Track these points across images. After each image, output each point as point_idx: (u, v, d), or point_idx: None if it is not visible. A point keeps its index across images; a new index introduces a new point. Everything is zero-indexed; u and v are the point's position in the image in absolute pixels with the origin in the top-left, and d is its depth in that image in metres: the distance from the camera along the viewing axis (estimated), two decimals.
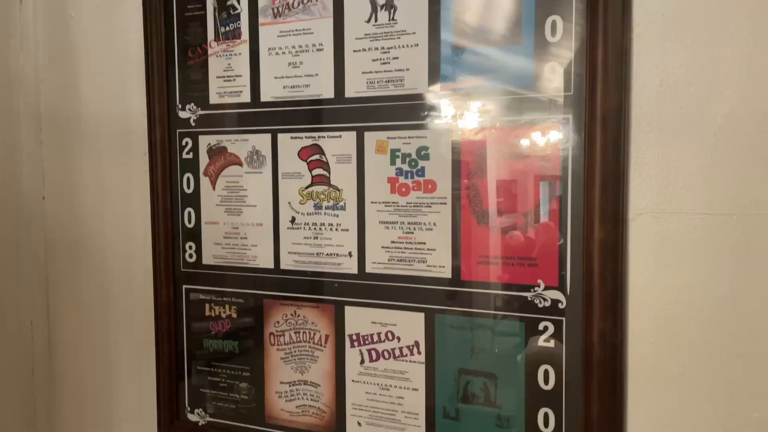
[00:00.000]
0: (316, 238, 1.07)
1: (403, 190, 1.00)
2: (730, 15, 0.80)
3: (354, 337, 1.06)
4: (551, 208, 0.91)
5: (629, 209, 0.86)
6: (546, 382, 0.93)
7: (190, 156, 1.16)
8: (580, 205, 0.88)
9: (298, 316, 1.10)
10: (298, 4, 1.05)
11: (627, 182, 0.86)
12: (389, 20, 0.99)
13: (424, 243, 0.99)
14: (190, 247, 1.17)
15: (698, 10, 0.82)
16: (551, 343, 0.92)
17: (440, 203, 0.98)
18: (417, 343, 1.01)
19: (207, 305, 1.17)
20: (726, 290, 0.82)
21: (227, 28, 1.11)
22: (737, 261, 0.81)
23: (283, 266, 1.10)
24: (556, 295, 0.91)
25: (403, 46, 0.99)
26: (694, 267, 0.84)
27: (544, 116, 0.90)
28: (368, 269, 1.03)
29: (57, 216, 1.31)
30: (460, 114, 0.96)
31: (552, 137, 0.90)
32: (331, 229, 1.06)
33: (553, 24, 0.89)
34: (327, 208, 1.06)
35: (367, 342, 1.05)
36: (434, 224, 0.98)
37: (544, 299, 0.92)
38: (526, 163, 0.92)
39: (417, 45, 0.98)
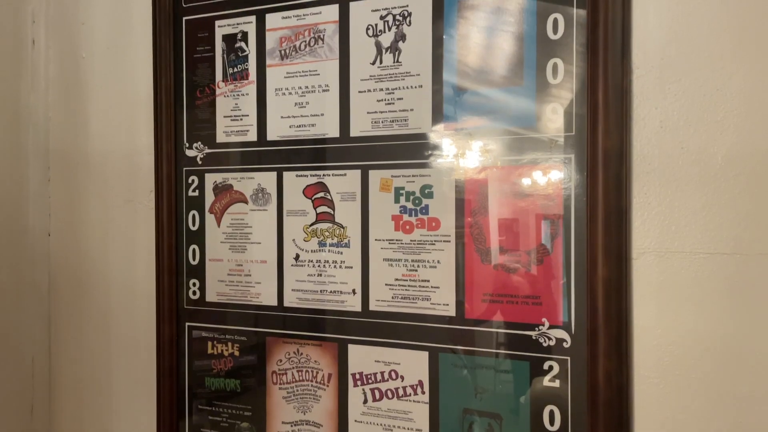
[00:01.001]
0: (320, 275, 1.07)
1: (407, 227, 1.01)
2: (727, 58, 0.82)
3: (357, 376, 1.05)
4: (554, 247, 0.91)
5: (632, 248, 0.87)
6: (551, 422, 0.92)
7: (196, 193, 1.17)
8: (583, 243, 0.88)
9: (301, 354, 1.09)
10: (305, 47, 1.08)
11: (629, 221, 0.86)
12: (394, 62, 1.01)
13: (428, 281, 0.99)
14: (194, 284, 1.18)
15: (696, 54, 0.84)
16: (556, 383, 0.91)
17: (444, 241, 0.98)
18: (421, 383, 1.00)
19: (209, 343, 1.17)
20: (730, 330, 0.82)
21: (235, 69, 1.13)
22: (740, 301, 0.82)
23: (286, 303, 1.10)
24: (561, 334, 0.91)
25: (407, 87, 1.01)
26: (698, 306, 0.84)
27: (546, 156, 0.91)
28: (372, 307, 1.03)
29: (61, 252, 1.31)
30: (463, 153, 0.97)
31: (554, 176, 0.91)
32: (335, 267, 1.06)
33: (554, 66, 0.91)
34: (331, 245, 1.06)
35: (370, 381, 1.04)
36: (438, 262, 0.99)
37: (549, 338, 0.91)
38: (529, 201, 0.93)
39: (421, 86, 1.00)
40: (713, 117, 0.82)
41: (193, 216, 1.17)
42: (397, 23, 1.01)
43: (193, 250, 1.17)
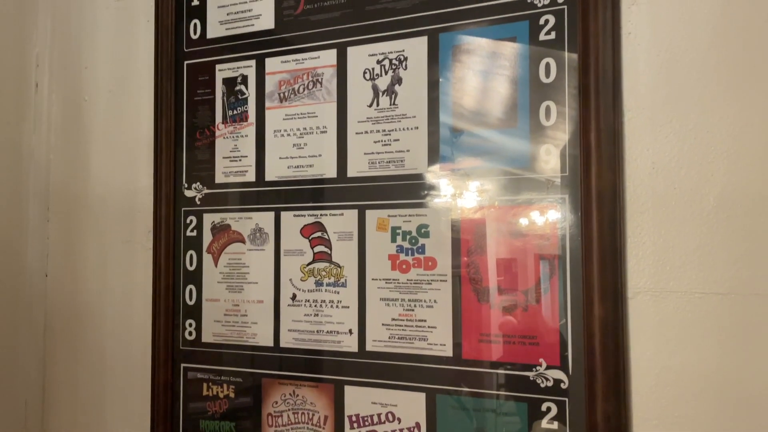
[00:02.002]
0: (317, 315, 1.07)
1: (404, 267, 1.01)
2: (716, 101, 0.84)
3: (354, 419, 1.04)
4: (551, 287, 0.91)
5: (628, 288, 0.87)
6: None
7: (194, 233, 1.18)
8: (579, 283, 0.89)
9: (297, 395, 1.08)
10: (304, 90, 1.10)
11: (624, 261, 0.87)
12: (390, 105, 1.03)
13: (425, 320, 0.99)
14: (190, 325, 1.17)
15: (685, 97, 0.85)
16: (555, 425, 0.90)
17: (440, 280, 0.99)
18: (418, 425, 0.99)
19: (205, 384, 1.16)
20: (727, 370, 0.82)
21: (235, 111, 1.15)
22: (737, 340, 0.81)
23: (282, 344, 1.10)
24: (558, 374, 0.90)
25: (403, 129, 1.02)
26: (694, 346, 0.83)
27: (541, 196, 0.92)
28: (368, 347, 1.03)
29: (58, 293, 1.31)
30: (459, 193, 0.98)
31: (549, 216, 0.92)
32: (331, 306, 1.06)
33: (548, 109, 0.93)
34: (328, 284, 1.07)
35: (366, 423, 1.03)
36: (435, 301, 0.99)
37: (546, 379, 0.91)
38: (525, 241, 0.93)
39: (417, 128, 1.01)
40: (704, 159, 0.84)
41: (191, 256, 1.18)
42: (393, 67, 1.03)
43: (190, 290, 1.17)
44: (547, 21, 0.93)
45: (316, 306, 1.07)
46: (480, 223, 0.97)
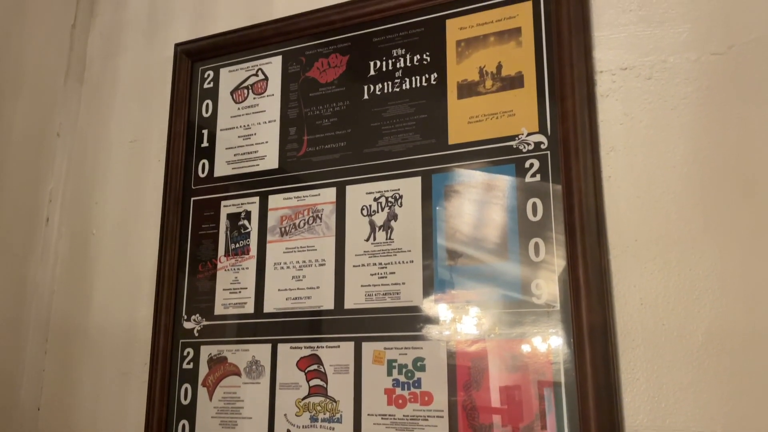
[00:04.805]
0: None
1: (400, 401, 1.00)
2: (697, 239, 0.88)
3: None
4: (549, 423, 0.90)
5: (625, 425, 0.86)
6: None
7: (191, 366, 1.17)
8: (576, 419, 0.88)
9: None
10: (304, 224, 1.15)
11: (620, 397, 0.87)
12: (386, 239, 1.08)
13: None
14: None
15: (667, 235, 0.90)
16: None
17: (437, 416, 0.97)
18: None
19: None
20: None
21: (237, 245, 1.20)
22: None
23: None
24: None
25: (399, 263, 1.06)
26: None
27: (533, 330, 0.94)
28: None
29: (50, 428, 1.28)
30: (453, 326, 1.00)
31: (544, 351, 0.93)
32: None
33: (536, 245, 0.97)
34: (323, 420, 1.05)
35: None
36: None
37: None
38: (521, 376, 0.94)
39: (412, 261, 1.05)
40: (690, 295, 0.87)
41: (186, 389, 1.17)
42: (389, 204, 1.09)
43: (183, 425, 1.15)
44: (532, 164, 1.00)
45: None
46: (475, 357, 0.97)
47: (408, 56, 1.13)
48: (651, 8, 0.97)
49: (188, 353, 1.18)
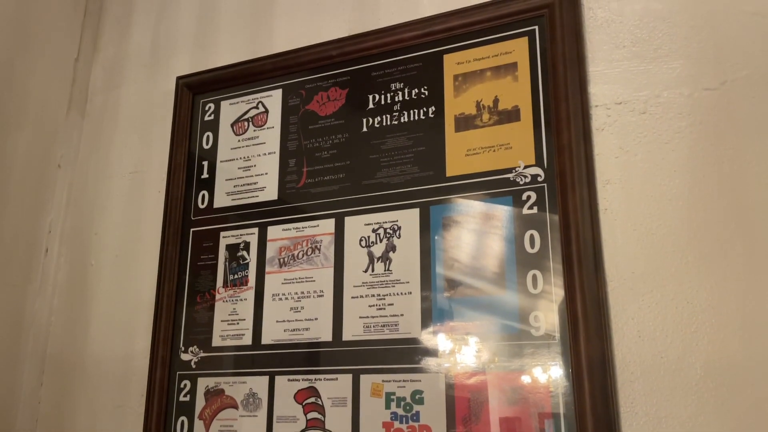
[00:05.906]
0: None
1: None
2: (692, 272, 0.88)
3: None
4: None
5: None
6: None
7: (187, 398, 1.16)
8: None
9: None
10: (303, 255, 1.15)
11: (619, 430, 0.86)
12: (385, 270, 1.08)
13: None
14: None
15: (663, 268, 0.90)
16: None
17: None
18: None
19: None
20: None
21: (236, 276, 1.20)
22: None
23: None
24: None
25: (397, 294, 1.06)
26: None
27: (532, 361, 0.94)
28: None
29: None
30: (451, 358, 1.00)
31: (543, 381, 0.93)
32: None
33: (534, 277, 0.97)
34: None
35: None
36: None
37: None
38: (521, 408, 0.93)
39: (410, 293, 1.05)
40: (687, 328, 0.87)
41: (182, 422, 1.16)
42: (388, 236, 1.09)
43: None
44: (529, 197, 1.01)
45: None
46: (474, 390, 0.97)
47: (406, 90, 1.15)
48: (644, 44, 0.99)
49: (185, 385, 1.18)
